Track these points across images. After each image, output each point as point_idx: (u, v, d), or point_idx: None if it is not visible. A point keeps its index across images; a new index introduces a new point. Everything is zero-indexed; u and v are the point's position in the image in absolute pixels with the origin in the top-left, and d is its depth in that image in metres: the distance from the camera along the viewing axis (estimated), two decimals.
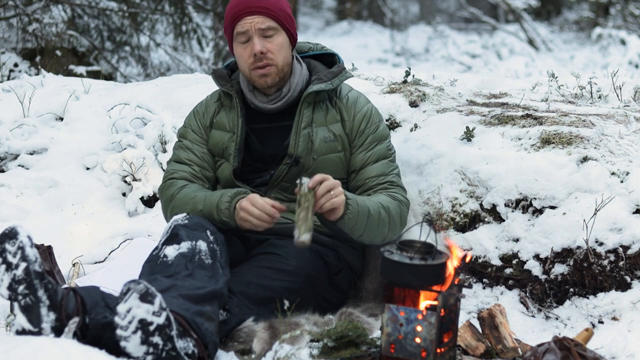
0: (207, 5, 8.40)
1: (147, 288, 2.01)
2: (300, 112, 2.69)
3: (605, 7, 13.99)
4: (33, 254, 2.07)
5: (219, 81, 2.78)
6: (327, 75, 2.74)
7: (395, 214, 2.67)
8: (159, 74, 8.00)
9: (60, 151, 3.78)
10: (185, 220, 2.46)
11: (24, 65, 6.73)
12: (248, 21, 2.61)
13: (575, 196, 2.79)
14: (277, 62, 2.65)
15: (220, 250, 2.43)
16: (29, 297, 2.05)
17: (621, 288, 2.68)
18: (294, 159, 2.66)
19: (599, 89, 3.65)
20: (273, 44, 2.63)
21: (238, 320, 2.39)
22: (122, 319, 1.99)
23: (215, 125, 2.79)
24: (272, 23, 2.63)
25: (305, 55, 2.85)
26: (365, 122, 2.76)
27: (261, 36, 2.62)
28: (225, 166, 2.75)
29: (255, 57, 2.62)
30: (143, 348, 1.99)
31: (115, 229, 3.38)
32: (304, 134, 2.68)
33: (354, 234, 2.60)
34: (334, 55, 2.86)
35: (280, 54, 2.65)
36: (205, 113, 2.83)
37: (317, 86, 2.69)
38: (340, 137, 2.73)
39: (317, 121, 2.72)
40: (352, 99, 2.79)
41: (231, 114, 2.76)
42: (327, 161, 2.71)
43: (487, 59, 12.57)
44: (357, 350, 2.16)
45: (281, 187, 2.71)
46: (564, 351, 2.04)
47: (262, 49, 2.61)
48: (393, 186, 2.74)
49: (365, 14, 18.48)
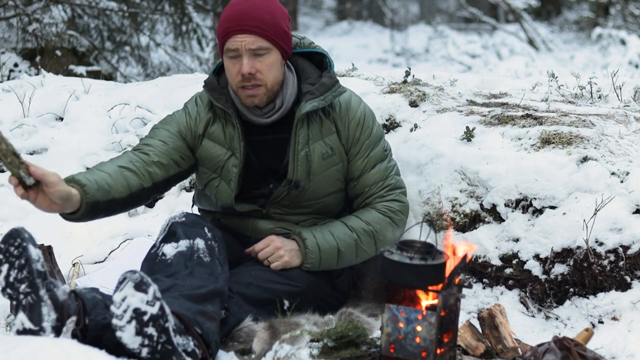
0: (207, 5, 8.40)
1: (142, 277, 2.01)
2: (295, 134, 2.59)
3: (605, 7, 14.00)
4: (36, 254, 2.07)
5: (213, 95, 2.62)
6: (319, 89, 2.60)
7: (383, 232, 2.66)
8: (159, 74, 8.01)
9: (60, 151, 3.77)
10: (182, 218, 2.46)
11: (24, 65, 6.73)
12: (238, 40, 2.48)
13: (575, 196, 2.79)
14: (267, 83, 2.52)
15: (219, 247, 2.43)
16: (30, 296, 2.05)
17: (621, 288, 2.68)
18: (293, 184, 2.61)
19: (599, 89, 3.65)
20: (263, 63, 2.50)
21: (237, 320, 2.39)
22: (117, 308, 1.99)
23: (209, 137, 2.65)
24: (264, 43, 2.49)
25: (294, 52, 2.68)
26: (360, 129, 2.67)
27: (251, 55, 2.49)
28: (223, 188, 2.65)
29: (243, 77, 2.50)
30: (138, 339, 1.99)
31: (115, 229, 3.38)
32: (301, 157, 2.60)
33: (329, 267, 2.65)
34: (324, 56, 2.71)
35: (270, 73, 2.52)
36: (198, 119, 2.67)
37: (310, 105, 2.57)
38: (337, 149, 2.66)
39: (313, 137, 2.63)
40: (345, 105, 2.68)
41: (228, 130, 2.63)
42: (325, 178, 2.65)
43: (487, 59, 12.57)
44: (357, 350, 2.16)
45: (281, 204, 2.67)
46: (564, 351, 2.04)
47: (250, 70, 2.48)
48: (390, 191, 2.70)
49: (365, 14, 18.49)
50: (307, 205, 2.67)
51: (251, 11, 2.49)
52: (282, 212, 2.68)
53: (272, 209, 2.67)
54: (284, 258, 2.56)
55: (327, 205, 2.71)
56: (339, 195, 2.73)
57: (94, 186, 2.39)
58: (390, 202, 2.70)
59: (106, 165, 2.52)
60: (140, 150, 2.61)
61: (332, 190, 2.69)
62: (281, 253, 2.56)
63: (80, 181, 2.37)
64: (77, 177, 2.39)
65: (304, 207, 2.68)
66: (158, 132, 2.67)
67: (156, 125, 2.72)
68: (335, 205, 2.74)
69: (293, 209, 2.67)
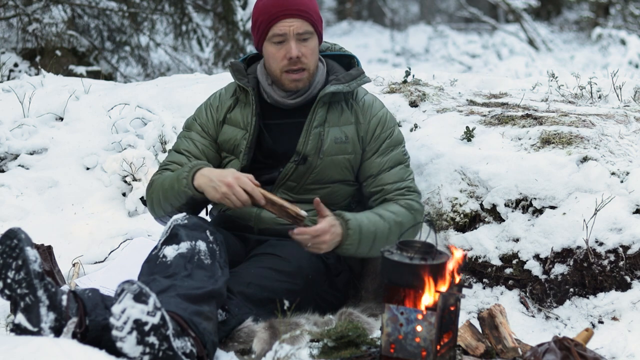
0: (207, 5, 8.40)
1: (140, 288, 2.01)
2: (314, 111, 2.67)
3: (605, 7, 13.99)
4: (33, 254, 2.07)
5: (237, 75, 2.74)
6: (345, 77, 2.73)
7: (407, 226, 2.66)
8: (159, 74, 8.01)
9: (60, 151, 3.78)
10: (184, 220, 2.46)
11: (24, 65, 6.73)
12: (287, 24, 2.58)
13: (575, 196, 2.79)
14: (310, 67, 2.64)
15: (220, 250, 2.43)
16: (28, 297, 2.05)
17: (621, 288, 2.68)
18: (301, 157, 2.65)
19: (599, 89, 3.65)
20: (308, 47, 2.62)
21: (238, 321, 2.39)
22: (117, 320, 1.99)
23: (229, 121, 2.75)
24: (309, 27, 2.61)
25: (323, 55, 2.82)
26: (381, 127, 2.74)
27: (298, 40, 2.59)
28: (234, 163, 2.72)
29: (290, 60, 2.60)
30: (139, 348, 1.99)
31: (115, 229, 3.38)
32: (314, 133, 2.66)
33: (358, 255, 2.63)
34: (352, 58, 2.84)
35: (312, 57, 2.64)
36: (220, 107, 2.78)
37: (334, 87, 2.68)
38: (352, 139, 2.71)
39: (330, 121, 2.70)
40: (368, 102, 2.78)
41: (245, 111, 2.73)
42: (334, 162, 2.69)
43: (487, 59, 12.57)
44: (357, 350, 2.16)
45: (287, 187, 2.69)
46: (564, 351, 2.04)
47: (298, 53, 2.58)
48: (410, 192, 2.73)
49: (365, 14, 18.48)
50: (313, 189, 2.68)
51: None
52: (288, 197, 2.68)
53: (280, 193, 2.68)
54: (323, 247, 2.52)
55: (333, 194, 2.72)
56: (346, 188, 2.75)
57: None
58: (411, 201, 2.71)
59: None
60: (177, 162, 2.73)
61: (338, 178, 2.71)
62: (324, 246, 2.51)
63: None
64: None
65: (310, 192, 2.68)
66: (184, 143, 2.77)
67: (183, 134, 2.81)
68: (341, 197, 2.75)
69: (299, 194, 2.68)
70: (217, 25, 8.43)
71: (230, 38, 8.07)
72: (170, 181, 2.60)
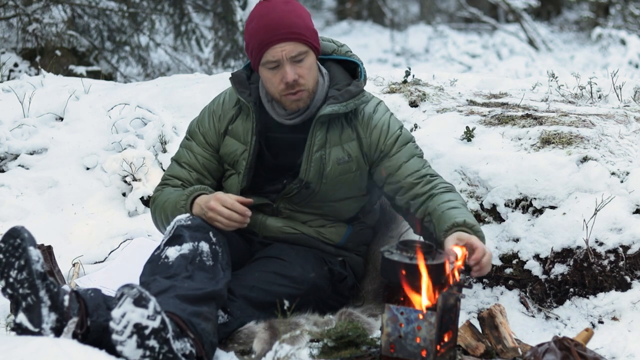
0: (206, 6, 8.39)
1: (140, 292, 2.00)
2: (312, 135, 2.58)
3: (605, 7, 13.99)
4: (36, 254, 2.07)
5: (238, 88, 2.63)
6: (343, 95, 2.59)
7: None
8: (159, 74, 8.00)
9: (60, 151, 3.78)
10: (188, 221, 2.45)
11: (24, 65, 6.73)
12: (278, 49, 2.46)
13: (575, 196, 2.79)
14: (309, 86, 2.53)
15: (222, 252, 2.43)
16: (30, 297, 2.05)
17: (621, 288, 2.68)
18: (304, 184, 2.60)
19: (599, 89, 3.65)
20: (304, 68, 2.51)
21: (240, 324, 2.38)
22: (117, 324, 1.99)
23: (230, 133, 2.68)
24: (302, 47, 2.49)
25: (328, 58, 2.71)
26: (384, 136, 2.62)
27: (292, 63, 2.48)
28: (233, 181, 2.67)
29: (287, 85, 2.50)
30: (139, 352, 1.99)
31: (115, 229, 3.38)
32: (315, 158, 2.58)
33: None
34: (358, 66, 2.71)
35: (310, 76, 2.53)
36: (222, 117, 2.70)
37: (331, 108, 2.56)
38: (356, 157, 2.62)
39: (331, 141, 2.61)
40: (368, 114, 2.65)
41: (247, 124, 2.64)
42: (338, 183, 2.62)
43: (487, 59, 12.55)
44: (357, 350, 2.16)
45: (290, 201, 2.66)
46: (564, 351, 2.04)
47: (294, 77, 2.48)
48: (434, 177, 2.60)
49: (365, 14, 18.46)
50: (317, 206, 2.66)
51: (284, 19, 2.47)
52: (292, 208, 2.66)
53: (283, 204, 2.66)
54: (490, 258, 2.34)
55: (338, 210, 2.69)
56: (354, 203, 2.71)
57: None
58: (446, 184, 2.59)
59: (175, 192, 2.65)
60: (177, 177, 2.71)
61: (345, 196, 2.66)
62: (489, 256, 2.33)
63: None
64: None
65: (314, 208, 2.67)
66: (186, 155, 2.73)
67: (185, 144, 2.77)
68: (346, 211, 2.71)
69: (303, 207, 2.67)
70: (216, 26, 8.43)
71: (230, 38, 8.07)
72: (171, 208, 2.58)
